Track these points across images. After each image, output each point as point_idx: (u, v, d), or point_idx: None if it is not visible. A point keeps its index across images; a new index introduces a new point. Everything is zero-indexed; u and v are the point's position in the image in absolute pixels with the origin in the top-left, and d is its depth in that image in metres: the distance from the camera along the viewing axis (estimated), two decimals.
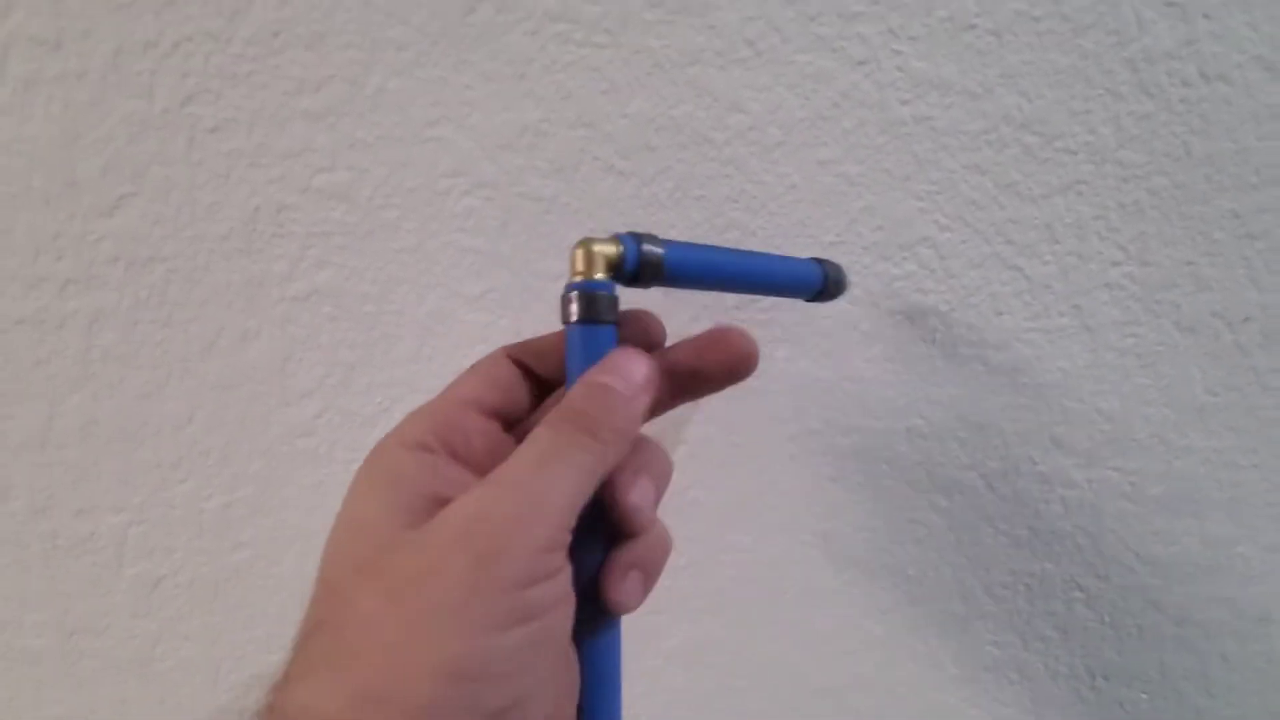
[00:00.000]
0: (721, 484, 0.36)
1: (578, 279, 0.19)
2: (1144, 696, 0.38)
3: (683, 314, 0.34)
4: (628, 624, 0.21)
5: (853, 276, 0.33)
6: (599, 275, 0.19)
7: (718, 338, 0.21)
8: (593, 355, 0.18)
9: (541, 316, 0.34)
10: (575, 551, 0.17)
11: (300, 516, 0.37)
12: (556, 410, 0.17)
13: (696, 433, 0.35)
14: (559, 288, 0.20)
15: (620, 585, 0.18)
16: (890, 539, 0.37)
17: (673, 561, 0.21)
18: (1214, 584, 0.36)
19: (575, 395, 0.17)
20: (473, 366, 0.20)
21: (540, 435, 0.17)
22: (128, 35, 0.30)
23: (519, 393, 0.19)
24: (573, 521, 0.17)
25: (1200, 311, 0.33)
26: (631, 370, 0.18)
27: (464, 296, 0.34)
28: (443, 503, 0.17)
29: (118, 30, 0.30)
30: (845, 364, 0.34)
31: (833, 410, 0.35)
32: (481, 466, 0.18)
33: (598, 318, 0.19)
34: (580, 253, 0.19)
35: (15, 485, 0.37)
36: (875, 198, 0.32)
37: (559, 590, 0.17)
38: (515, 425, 0.20)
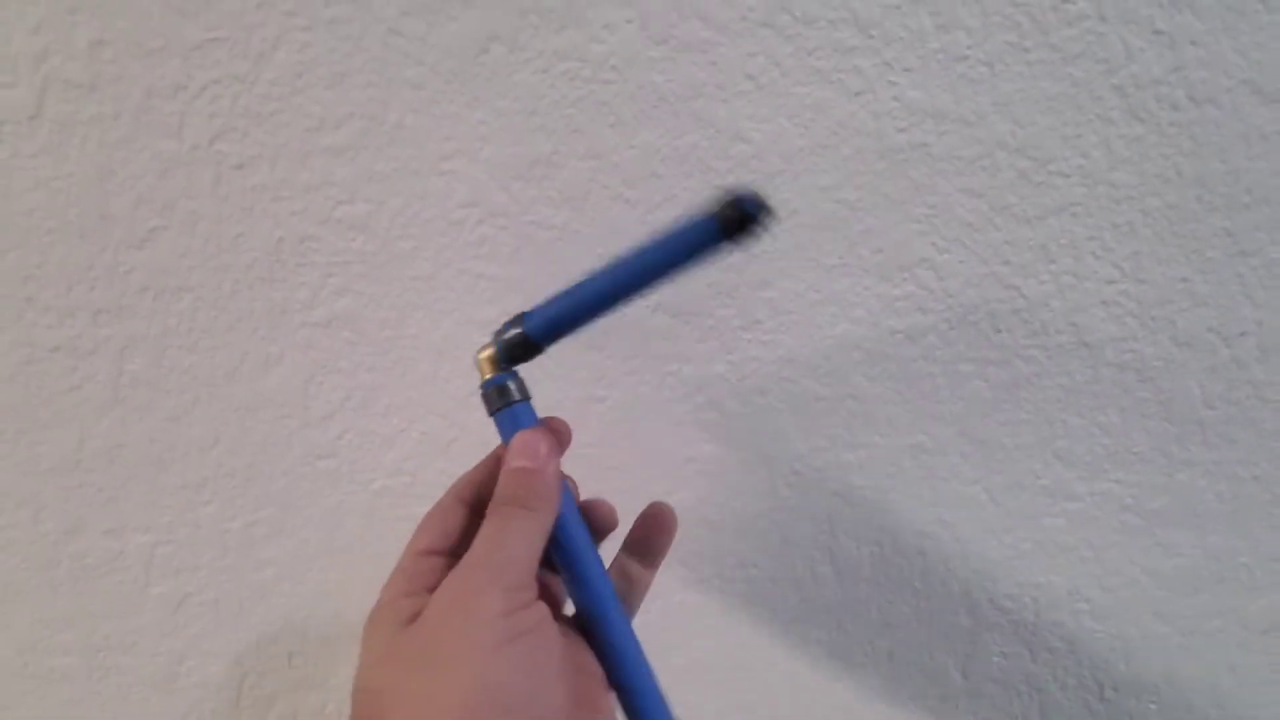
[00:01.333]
0: (729, 502, 0.37)
1: (483, 380, 0.24)
2: (1153, 707, 0.38)
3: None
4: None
5: (854, 298, 0.34)
6: (490, 374, 0.24)
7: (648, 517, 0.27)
8: (519, 428, 0.24)
9: None
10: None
11: (322, 535, 0.38)
12: (493, 500, 0.23)
13: (705, 451, 0.36)
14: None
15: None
16: (896, 553, 0.37)
17: (682, 578, 0.22)
18: (1219, 595, 0.37)
19: (503, 485, 0.23)
20: (426, 517, 0.25)
21: (489, 522, 0.22)
22: (158, 78, 0.32)
23: (469, 529, 0.24)
24: (534, 569, 0.22)
25: (1197, 327, 0.34)
26: (535, 448, 0.23)
27: (478, 321, 0.35)
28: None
29: (149, 74, 0.32)
30: (848, 382, 0.35)
31: (837, 428, 0.36)
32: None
33: (507, 403, 0.24)
34: (477, 360, 0.24)
35: (47, 506, 0.38)
36: (874, 221, 0.33)
37: (537, 616, 0.21)
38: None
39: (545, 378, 0.32)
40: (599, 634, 0.24)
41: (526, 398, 0.24)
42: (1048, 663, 0.38)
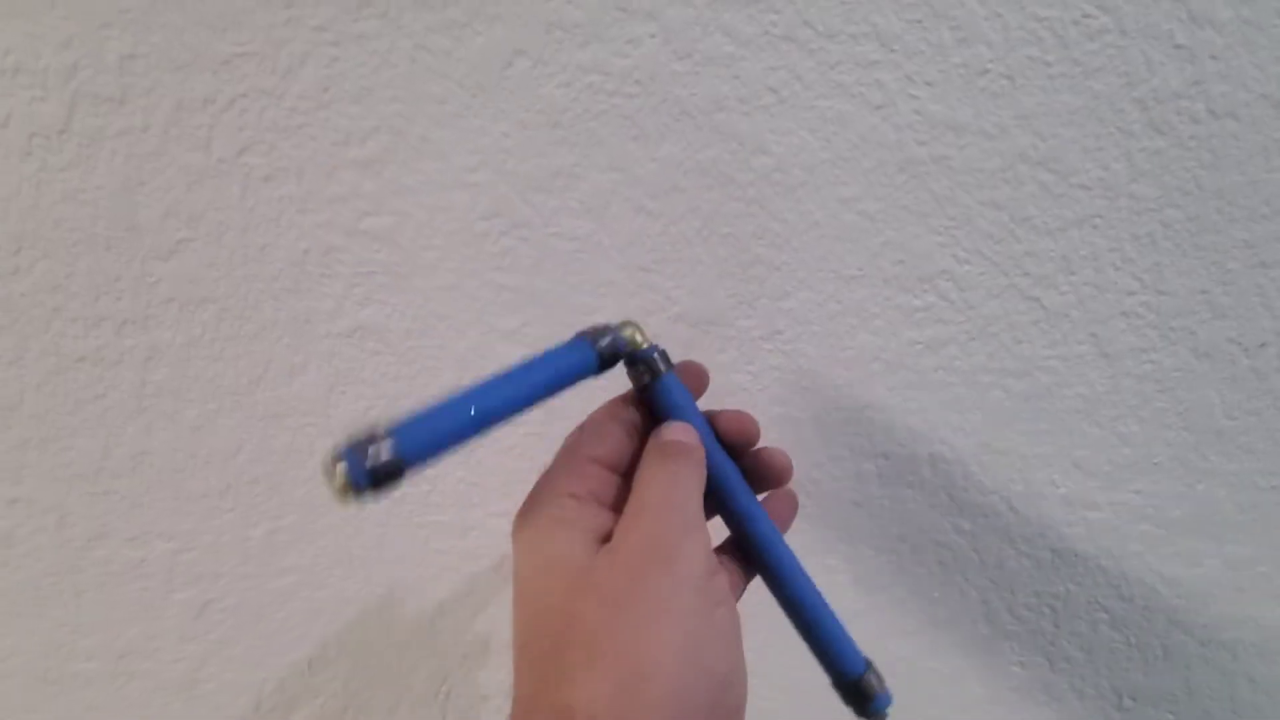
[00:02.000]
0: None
1: (638, 348, 0.24)
2: (1171, 717, 0.38)
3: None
4: None
5: (874, 308, 0.34)
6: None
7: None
8: (677, 398, 0.24)
9: None
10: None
11: (342, 542, 0.39)
12: (657, 451, 0.23)
13: None
14: (590, 322, 0.24)
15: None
16: (915, 561, 0.37)
17: None
18: (1238, 604, 0.37)
19: (661, 447, 0.23)
20: (591, 426, 0.25)
21: (660, 464, 0.22)
22: (188, 92, 0.32)
23: (624, 445, 0.24)
24: (705, 528, 0.22)
25: (1217, 338, 0.34)
26: (690, 433, 0.24)
27: (500, 331, 0.35)
28: (600, 534, 0.22)
29: (178, 88, 0.32)
30: (868, 392, 0.35)
31: (857, 437, 0.36)
32: (609, 503, 0.23)
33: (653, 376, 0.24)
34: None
35: (73, 513, 0.38)
36: (895, 233, 0.33)
37: (726, 584, 0.22)
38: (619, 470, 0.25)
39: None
40: (766, 559, 0.25)
41: (671, 368, 0.24)
42: (1066, 672, 0.38)
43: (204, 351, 0.36)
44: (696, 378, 0.25)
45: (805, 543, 0.38)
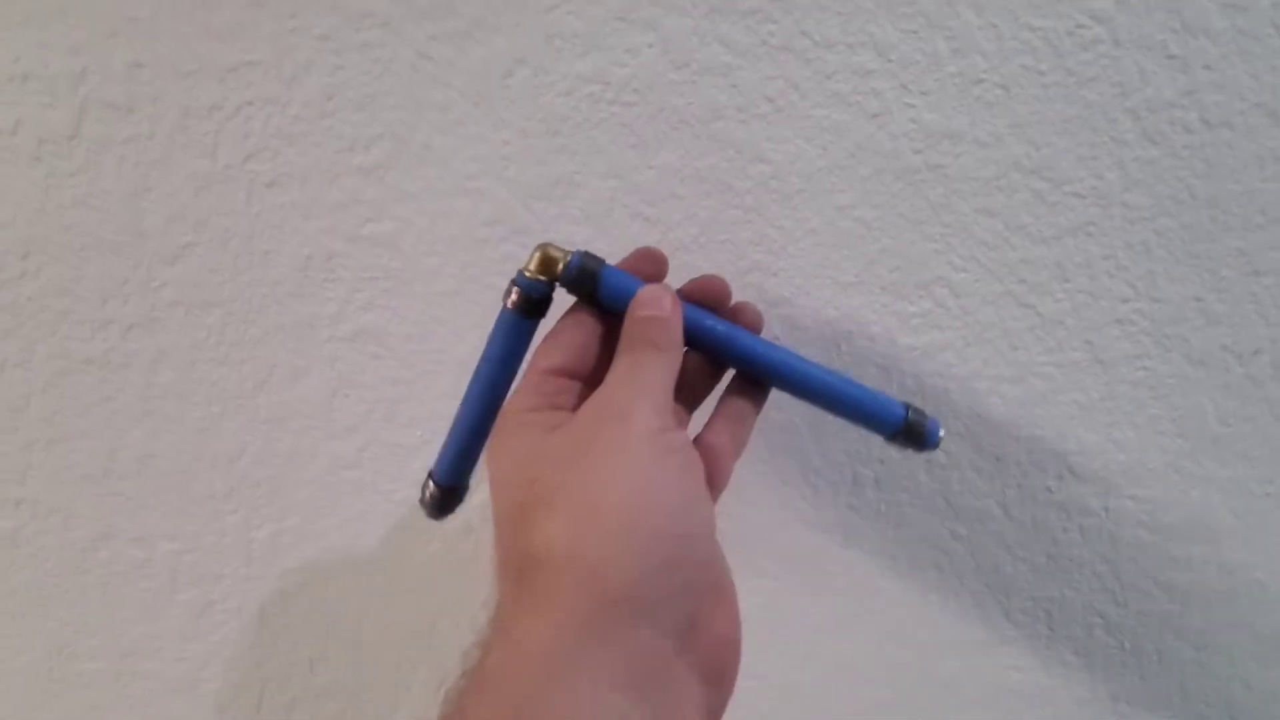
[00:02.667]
0: (744, 514, 0.37)
1: (560, 265, 0.25)
2: None
3: None
4: None
5: (870, 314, 0.35)
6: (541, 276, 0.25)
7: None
8: (628, 284, 0.24)
9: None
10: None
11: (345, 543, 0.39)
12: (623, 342, 0.23)
13: None
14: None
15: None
16: (911, 566, 0.38)
17: None
18: (1233, 610, 0.37)
19: (631, 330, 0.23)
20: (547, 338, 0.25)
21: (621, 359, 0.23)
22: (194, 100, 0.33)
23: (585, 351, 0.25)
24: (668, 405, 0.22)
25: (1210, 345, 0.34)
26: (662, 300, 0.24)
27: None
28: (560, 425, 0.22)
29: (185, 95, 0.33)
30: None
31: (854, 442, 0.36)
32: (572, 408, 0.24)
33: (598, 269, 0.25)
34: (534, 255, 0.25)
35: (78, 515, 0.39)
36: (891, 240, 0.34)
37: (684, 439, 0.22)
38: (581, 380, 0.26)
39: None
40: (768, 364, 0.25)
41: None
42: (1061, 677, 0.38)
43: (209, 355, 0.37)
44: (655, 262, 0.26)
45: (800, 549, 0.38)
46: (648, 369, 0.22)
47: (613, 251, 0.35)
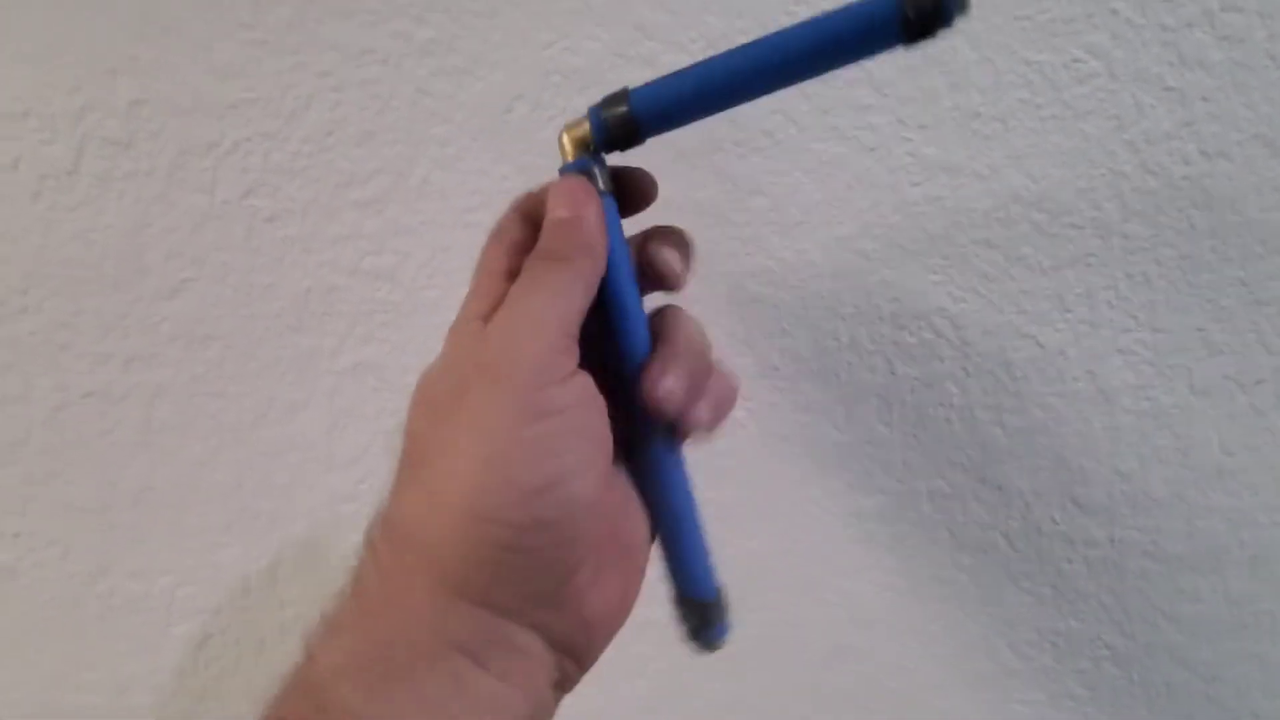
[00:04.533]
0: (746, 545, 0.37)
1: (563, 164, 0.21)
2: None
3: None
4: (656, 684, 0.22)
5: (870, 345, 0.35)
6: (573, 157, 0.21)
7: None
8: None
9: None
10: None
11: (342, 576, 0.39)
12: (530, 255, 0.20)
13: (722, 495, 0.37)
14: None
15: (658, 382, 0.21)
16: (914, 598, 0.37)
17: None
18: (1241, 641, 0.36)
19: (541, 239, 0.21)
20: (490, 235, 0.22)
21: (522, 276, 0.20)
22: (192, 137, 0.33)
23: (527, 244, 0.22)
24: (574, 332, 0.19)
25: (1213, 375, 0.34)
26: (574, 195, 0.20)
27: None
28: None
29: (183, 132, 0.33)
30: (866, 428, 0.35)
31: (855, 473, 0.36)
32: None
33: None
34: (560, 140, 0.21)
35: (76, 547, 0.39)
36: (891, 272, 0.34)
37: (575, 391, 0.19)
38: None
39: None
40: (653, 486, 0.22)
41: (611, 192, 0.21)
42: (1069, 710, 0.38)
43: (208, 388, 0.36)
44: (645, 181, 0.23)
45: (803, 579, 0.38)
46: (542, 293, 0.19)
47: None
